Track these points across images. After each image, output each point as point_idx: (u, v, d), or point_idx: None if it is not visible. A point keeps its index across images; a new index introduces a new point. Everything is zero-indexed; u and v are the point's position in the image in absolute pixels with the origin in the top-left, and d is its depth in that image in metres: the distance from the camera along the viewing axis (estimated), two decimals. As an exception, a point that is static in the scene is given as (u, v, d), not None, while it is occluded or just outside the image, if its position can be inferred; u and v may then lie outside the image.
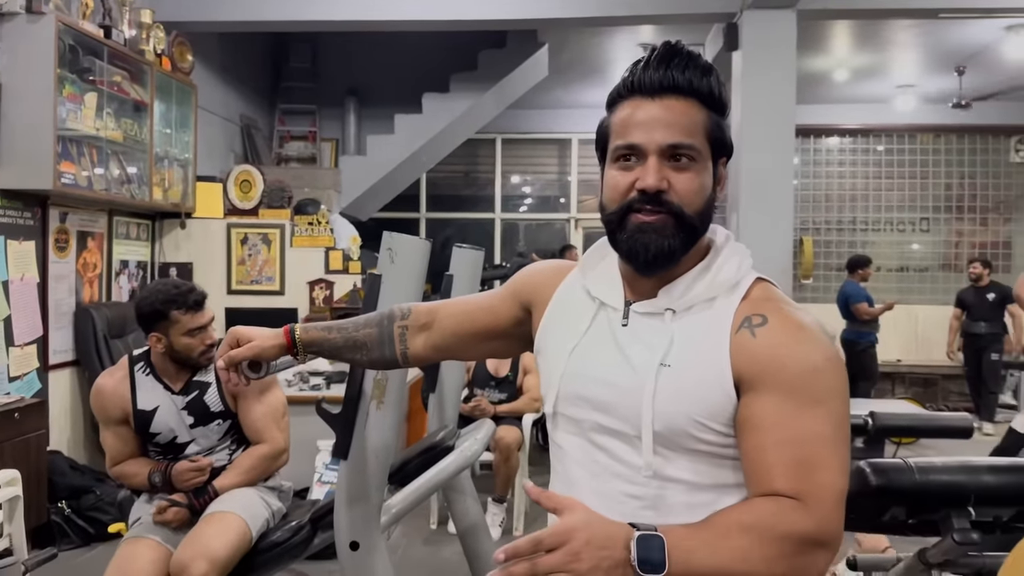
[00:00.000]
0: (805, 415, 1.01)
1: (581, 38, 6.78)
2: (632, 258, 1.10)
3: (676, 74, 1.08)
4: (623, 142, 1.09)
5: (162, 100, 5.22)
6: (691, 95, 1.09)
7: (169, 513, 2.39)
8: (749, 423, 1.03)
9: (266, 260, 5.59)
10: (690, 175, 1.08)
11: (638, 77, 1.09)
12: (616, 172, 1.10)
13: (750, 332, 1.05)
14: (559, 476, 1.18)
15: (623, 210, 1.08)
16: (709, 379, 1.05)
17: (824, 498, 0.98)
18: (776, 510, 0.98)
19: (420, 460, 2.28)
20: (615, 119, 1.12)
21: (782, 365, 1.02)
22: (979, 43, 6.68)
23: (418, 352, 1.37)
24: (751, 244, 4.50)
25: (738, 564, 0.95)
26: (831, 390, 1.03)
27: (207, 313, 2.55)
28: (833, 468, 1.00)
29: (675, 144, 1.07)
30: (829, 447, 1.01)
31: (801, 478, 0.99)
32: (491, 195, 9.38)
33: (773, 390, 1.02)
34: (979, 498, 1.93)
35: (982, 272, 7.34)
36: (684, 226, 1.07)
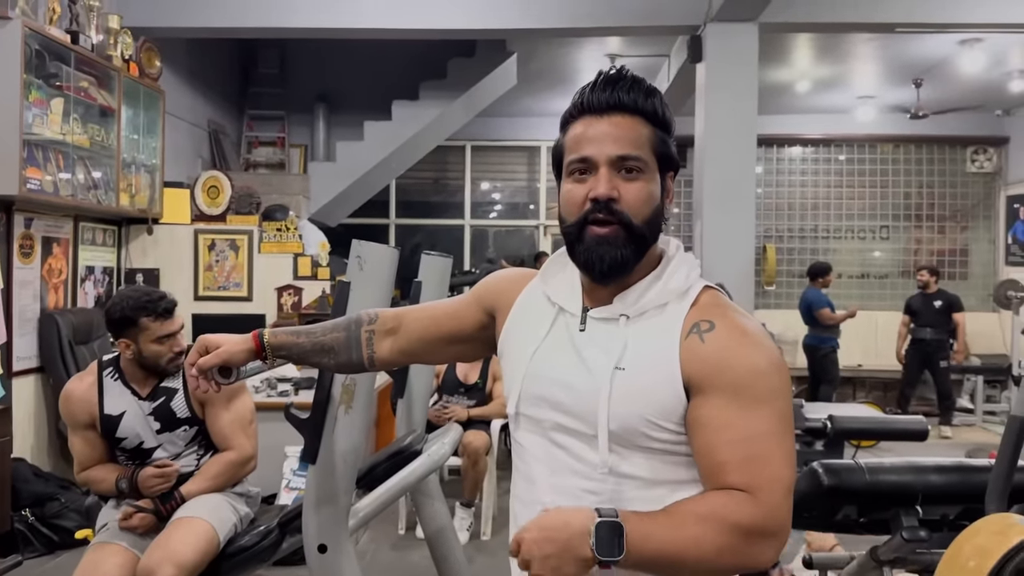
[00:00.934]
0: (751, 414, 1.09)
1: (549, 48, 6.86)
2: (589, 269, 1.17)
3: (622, 94, 1.17)
4: (576, 156, 1.17)
5: (129, 105, 5.19)
6: (637, 113, 1.17)
7: (135, 519, 2.40)
8: (699, 423, 1.11)
9: (234, 266, 5.58)
10: (638, 185, 1.16)
11: (587, 98, 1.18)
12: (571, 185, 1.18)
13: (699, 337, 1.13)
14: (520, 473, 1.25)
15: (581, 222, 1.16)
16: (661, 381, 1.12)
17: (773, 490, 1.07)
18: (728, 502, 1.06)
19: (388, 464, 2.31)
20: (568, 137, 1.20)
21: (728, 368, 1.10)
22: (935, 57, 6.87)
23: (384, 356, 1.42)
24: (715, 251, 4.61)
25: (691, 550, 1.04)
26: (774, 390, 1.11)
27: (177, 320, 2.56)
28: (779, 462, 1.08)
29: (623, 155, 1.15)
30: (774, 443, 1.09)
31: (751, 473, 1.07)
32: (461, 201, 9.43)
33: (721, 392, 1.10)
34: (927, 497, 2.02)
35: (929, 279, 7.53)
36: (634, 236, 1.15)
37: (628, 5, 5.49)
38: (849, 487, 2.01)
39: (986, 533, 1.41)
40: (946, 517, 2.09)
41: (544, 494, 1.18)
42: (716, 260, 5.05)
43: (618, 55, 6.87)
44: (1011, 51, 6.75)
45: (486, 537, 4.25)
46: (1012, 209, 8.95)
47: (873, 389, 8.46)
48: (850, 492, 2.02)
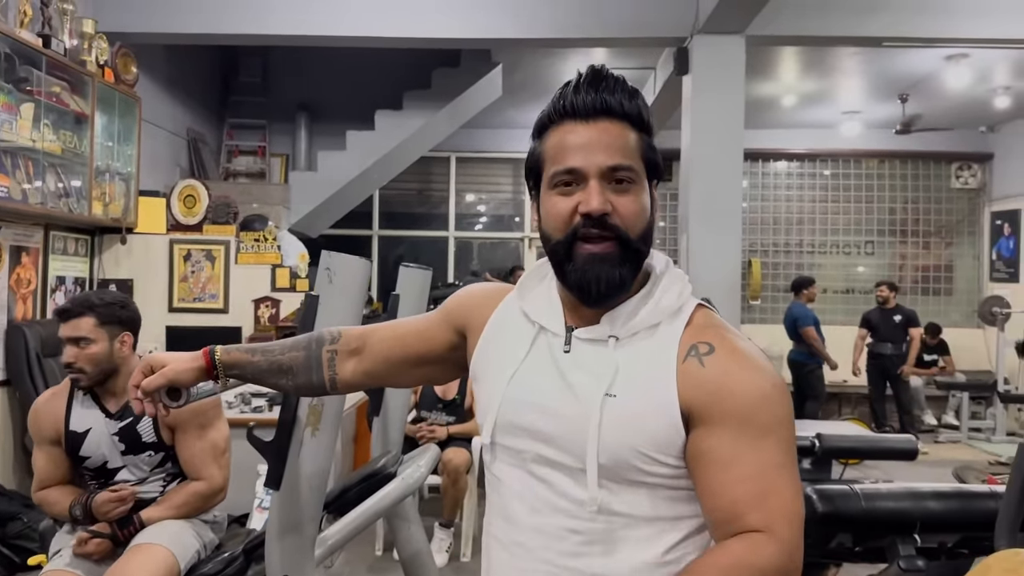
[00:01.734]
0: (760, 446, 1.00)
1: (534, 59, 6.80)
2: (583, 291, 1.06)
3: (608, 96, 1.06)
4: (561, 167, 1.06)
5: (104, 112, 5.06)
6: (623, 118, 1.07)
7: (90, 545, 2.26)
8: (706, 458, 1.01)
9: (210, 277, 5.45)
10: (631, 197, 1.06)
11: (570, 101, 1.07)
12: (556, 198, 1.07)
13: (698, 361, 1.03)
14: (496, 510, 1.13)
15: (569, 239, 1.05)
16: (656, 410, 1.02)
17: (791, 526, 0.99)
18: (751, 548, 0.98)
19: (359, 488, 2.20)
20: (548, 145, 1.09)
21: (732, 395, 1.01)
22: (921, 72, 6.86)
23: (347, 378, 1.30)
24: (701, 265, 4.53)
25: None
26: (780, 418, 1.03)
27: (74, 326, 2.33)
28: (792, 495, 1.01)
29: (616, 166, 1.05)
30: (785, 475, 1.01)
31: (767, 510, 0.99)
32: (445, 213, 9.34)
33: (726, 422, 1.01)
34: (925, 525, 1.93)
35: (889, 295, 7.61)
36: (630, 252, 1.05)
37: (615, 16, 5.43)
38: (844, 514, 1.93)
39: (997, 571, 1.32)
40: (944, 545, 2.01)
41: (525, 535, 1.07)
42: (702, 274, 4.98)
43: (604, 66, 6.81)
44: (996, 67, 6.75)
45: (466, 559, 4.13)
46: (996, 225, 8.96)
47: (858, 405, 8.41)
48: (845, 519, 1.94)
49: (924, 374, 8.18)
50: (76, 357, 2.33)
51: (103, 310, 2.36)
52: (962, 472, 5.86)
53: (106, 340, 2.36)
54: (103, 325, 2.35)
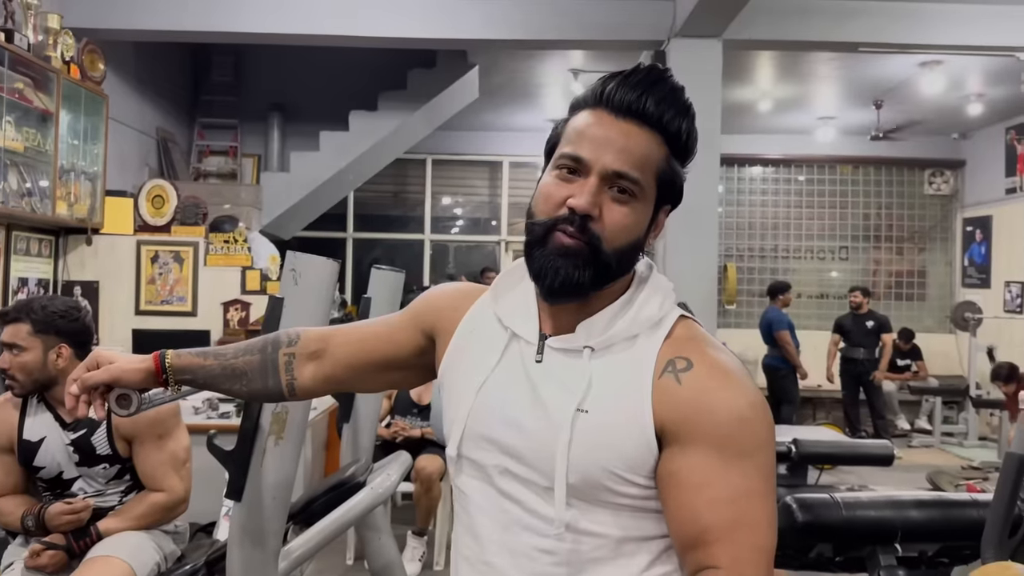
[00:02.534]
0: (735, 470, 0.94)
1: (511, 61, 6.75)
2: (540, 279, 1.01)
3: (649, 101, 0.98)
4: (571, 151, 1.00)
5: (69, 110, 4.94)
6: (656, 128, 0.99)
7: (44, 557, 2.17)
8: (676, 479, 0.95)
9: (178, 279, 5.33)
10: (625, 210, 0.99)
11: (610, 91, 1.00)
12: (553, 180, 1.01)
13: (675, 377, 0.97)
14: (464, 527, 1.07)
15: (550, 224, 0.99)
16: (629, 428, 0.96)
17: (759, 564, 0.93)
18: None
19: (326, 498, 2.12)
20: (571, 125, 1.02)
21: (709, 414, 0.95)
22: (896, 78, 6.90)
23: (307, 384, 1.22)
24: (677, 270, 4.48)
25: None
26: (759, 441, 0.96)
27: (10, 331, 2.23)
28: (765, 528, 0.94)
29: (620, 172, 0.98)
30: (759, 504, 0.94)
31: (737, 543, 0.92)
32: (421, 216, 9.26)
33: (700, 443, 0.94)
34: (906, 534, 1.90)
35: (862, 300, 7.68)
36: (598, 261, 0.98)
37: (592, 19, 5.40)
38: (824, 523, 1.89)
39: (985, 584, 1.28)
40: (924, 554, 1.98)
41: (493, 555, 1.01)
42: (679, 279, 4.89)
43: (581, 70, 6.78)
44: (969, 75, 6.80)
45: (439, 567, 4.05)
46: (968, 231, 9.05)
47: (832, 410, 8.44)
48: (825, 529, 1.90)
49: (897, 379, 8.23)
50: (9, 364, 2.23)
51: (40, 318, 2.24)
52: (936, 477, 5.89)
53: (39, 349, 2.24)
54: (38, 334, 2.24)
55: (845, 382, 7.74)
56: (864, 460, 4.61)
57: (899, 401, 8.30)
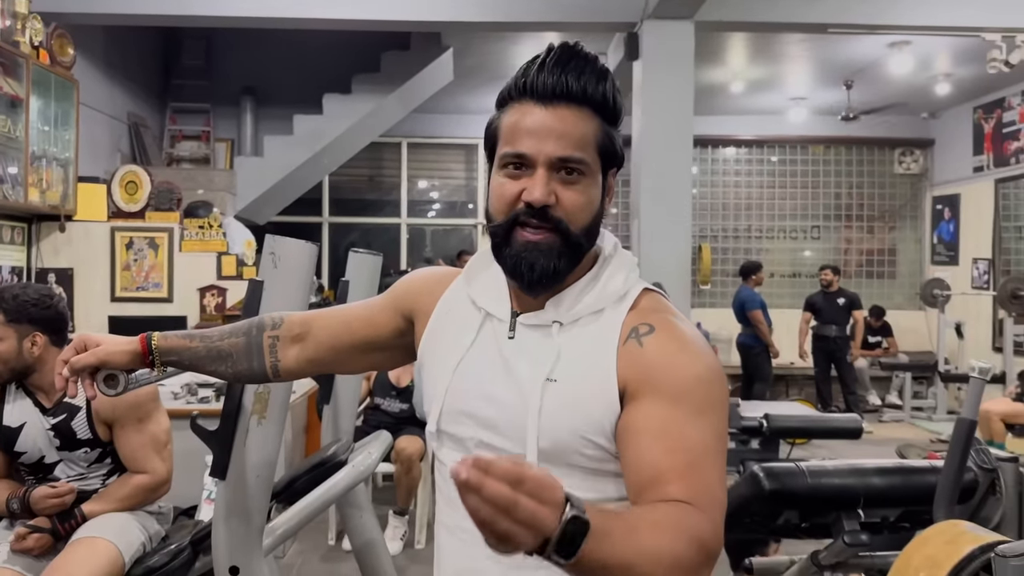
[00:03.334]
0: (691, 424, 0.98)
1: (486, 43, 6.75)
2: (517, 276, 1.05)
3: (571, 80, 1.02)
4: (511, 150, 1.04)
5: (39, 95, 4.89)
6: (584, 103, 1.03)
7: (30, 540, 2.19)
8: (634, 428, 0.99)
9: (153, 265, 5.31)
10: (578, 190, 1.04)
11: (531, 79, 1.03)
12: (503, 180, 1.05)
13: (637, 341, 1.02)
14: (445, 497, 1.12)
15: (509, 223, 1.04)
16: (595, 392, 1.01)
17: (716, 509, 0.95)
18: (684, 513, 0.92)
19: (309, 477, 2.16)
20: (504, 122, 1.06)
21: (668, 371, 1.00)
22: (866, 59, 6.98)
23: (290, 366, 1.27)
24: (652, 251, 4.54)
25: (644, 561, 0.85)
26: (714, 402, 1.01)
27: None
28: (717, 481, 0.98)
29: (565, 158, 1.02)
30: (711, 460, 0.98)
31: (695, 487, 0.94)
32: (397, 200, 9.25)
33: (659, 396, 0.99)
34: (868, 500, 1.97)
35: (832, 279, 7.81)
36: (570, 244, 1.04)
37: (565, 1, 5.42)
38: (791, 491, 1.96)
39: (936, 542, 1.35)
40: (887, 519, 2.06)
41: (470, 520, 1.06)
42: (653, 259, 5.02)
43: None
44: (937, 55, 6.90)
45: (420, 546, 4.11)
46: (937, 210, 9.20)
47: (805, 386, 8.59)
48: (792, 496, 1.97)
49: (868, 355, 8.39)
50: None
51: (12, 307, 2.24)
52: (905, 450, 6.03)
53: (13, 338, 2.25)
54: (10, 323, 2.24)
55: (817, 359, 7.88)
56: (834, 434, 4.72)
57: (870, 377, 8.46)
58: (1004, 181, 8.02)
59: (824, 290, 7.87)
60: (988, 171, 8.23)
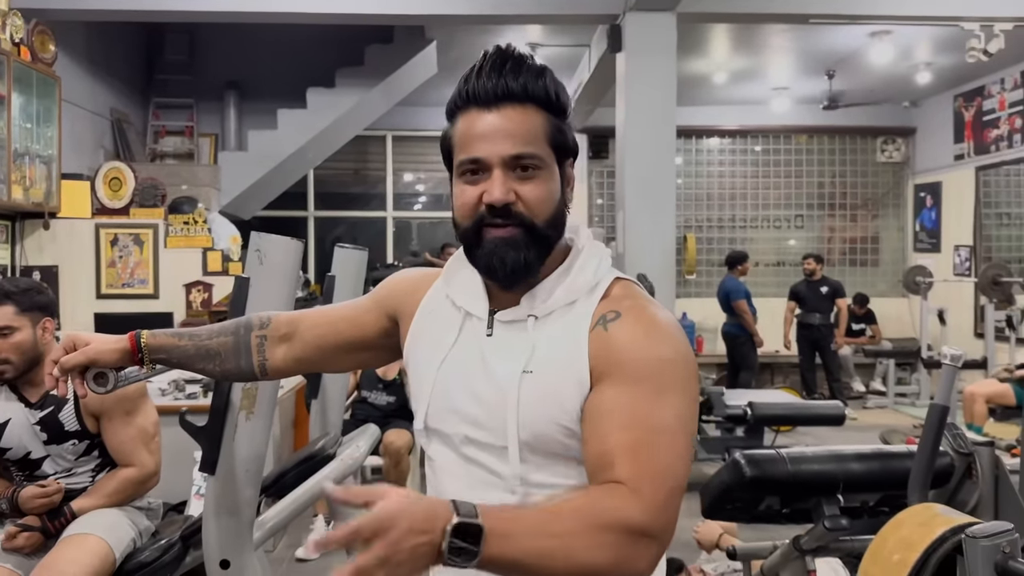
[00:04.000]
0: (649, 402, 1.00)
1: (469, 36, 6.75)
2: (491, 274, 1.09)
3: (510, 81, 1.06)
4: (466, 156, 1.07)
5: (21, 92, 4.86)
6: (528, 101, 1.07)
7: (20, 538, 2.21)
8: (594, 411, 1.02)
9: (138, 262, 5.30)
10: (536, 183, 1.07)
11: (472, 87, 1.07)
12: (464, 187, 1.09)
13: (603, 327, 1.05)
14: (434, 490, 1.16)
15: (476, 226, 1.07)
16: (569, 381, 1.04)
17: (658, 488, 0.96)
18: (607, 495, 0.95)
19: (298, 470, 2.18)
20: (456, 132, 1.10)
21: (630, 355, 1.02)
22: (847, 48, 7.03)
23: (278, 365, 1.30)
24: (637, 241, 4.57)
25: (559, 553, 0.89)
26: (677, 381, 1.03)
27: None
28: (671, 460, 0.99)
29: (518, 155, 1.06)
30: (668, 438, 0.99)
31: (638, 464, 0.96)
32: (383, 193, 9.24)
33: (620, 379, 1.02)
34: (848, 485, 2.01)
35: (815, 267, 7.88)
36: (536, 237, 1.07)
37: (548, -8, 5.43)
38: (771, 477, 1.99)
39: (910, 525, 1.39)
40: (866, 504, 2.10)
41: None
42: (639, 250, 5.05)
43: (539, 44, 6.81)
44: (918, 44, 6.96)
45: (409, 537, 4.14)
46: (919, 197, 9.28)
47: (790, 375, 8.67)
48: (772, 482, 2.01)
49: (852, 343, 8.47)
50: (0, 348, 2.25)
51: (21, 297, 2.29)
52: (888, 435, 6.11)
53: (29, 327, 2.30)
54: (24, 312, 2.29)
55: (801, 347, 7.94)
56: (817, 420, 4.79)
57: (854, 364, 8.54)
58: (985, 168, 8.10)
59: (808, 279, 7.94)
60: (969, 159, 8.31)
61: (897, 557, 1.37)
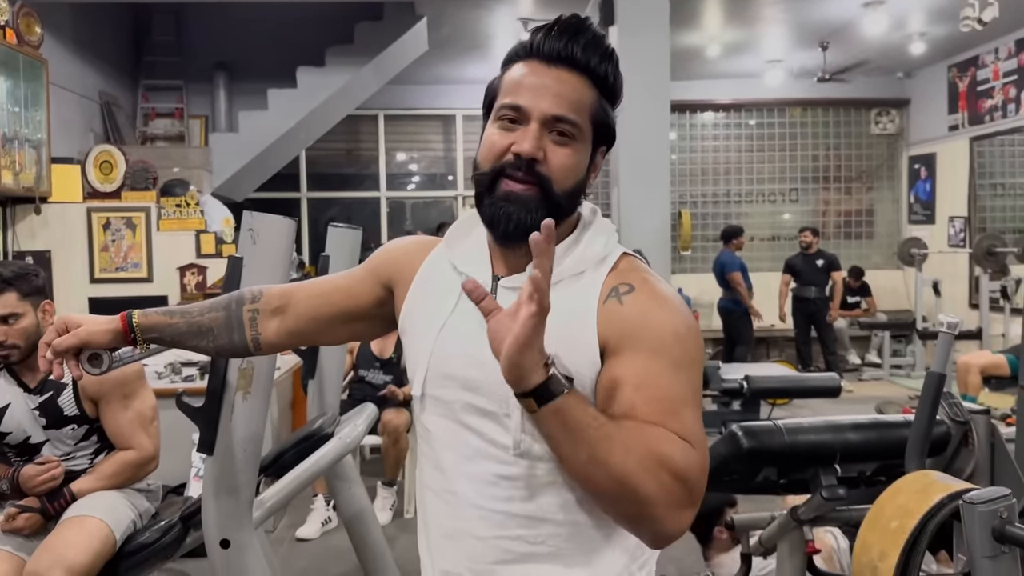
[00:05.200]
0: (670, 375, 1.01)
1: (459, 11, 6.69)
2: (493, 226, 1.08)
3: (576, 48, 1.06)
4: (509, 101, 1.06)
5: (8, 76, 4.81)
6: (585, 72, 1.07)
7: (20, 520, 2.21)
8: (616, 381, 1.01)
9: (131, 246, 5.27)
10: (567, 151, 1.06)
11: (538, 41, 1.07)
12: (496, 131, 1.08)
13: (617, 300, 1.05)
14: (429, 460, 1.14)
15: (495, 173, 1.06)
16: (577, 351, 1.04)
17: (702, 445, 0.99)
18: (671, 439, 0.97)
19: (296, 450, 2.19)
20: (507, 77, 1.09)
21: (648, 327, 1.03)
22: (840, 19, 6.98)
23: (271, 338, 1.28)
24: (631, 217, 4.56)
25: (615, 456, 0.93)
26: (692, 358, 1.04)
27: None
28: (699, 429, 1.01)
29: (559, 116, 1.05)
30: (691, 410, 1.02)
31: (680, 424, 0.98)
32: (376, 173, 9.19)
33: (640, 350, 1.02)
34: (844, 455, 2.02)
35: (812, 240, 7.87)
36: (549, 202, 1.06)
37: (538, -33, 5.37)
38: (768, 449, 2.00)
39: (907, 492, 1.39)
40: (863, 473, 2.11)
41: (457, 483, 1.09)
42: (633, 226, 5.04)
43: (530, 19, 6.74)
44: (911, 14, 6.91)
45: (409, 515, 4.16)
46: (914, 169, 9.27)
47: (785, 348, 8.70)
48: (770, 454, 2.01)
49: (848, 315, 8.49)
50: (6, 335, 2.25)
51: (21, 283, 2.28)
52: (884, 407, 6.14)
53: (32, 312, 2.30)
54: (26, 297, 2.29)
55: (797, 320, 7.97)
56: (812, 392, 4.79)
57: (850, 337, 8.57)
58: (979, 139, 8.09)
59: (803, 252, 7.94)
60: (963, 129, 8.29)
61: (895, 524, 1.37)
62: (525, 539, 1.06)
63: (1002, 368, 5.16)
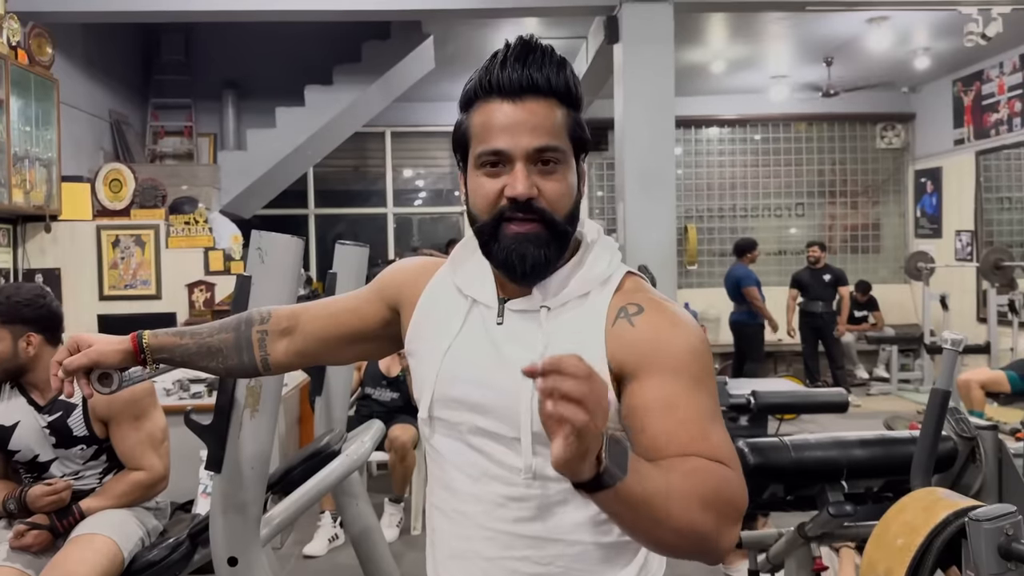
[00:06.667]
0: (694, 395, 1.02)
1: (466, 30, 6.74)
2: (509, 270, 1.07)
3: (535, 73, 1.05)
4: (487, 148, 1.06)
5: (19, 96, 4.87)
6: (550, 94, 1.06)
7: (28, 537, 2.22)
8: (643, 407, 1.02)
9: (140, 263, 5.31)
10: (557, 178, 1.06)
11: (496, 77, 1.05)
12: (483, 179, 1.07)
13: (628, 321, 1.06)
14: (438, 481, 1.15)
15: (495, 220, 1.06)
16: None
17: (738, 463, 1.00)
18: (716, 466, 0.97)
19: (304, 467, 2.19)
20: (474, 121, 1.08)
21: (665, 349, 1.04)
22: (845, 35, 7.01)
23: (280, 359, 1.30)
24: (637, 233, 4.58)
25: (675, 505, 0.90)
26: (709, 372, 1.06)
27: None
28: (728, 440, 1.02)
29: (542, 148, 1.05)
30: (718, 425, 1.02)
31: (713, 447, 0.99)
32: (382, 189, 9.24)
33: (660, 372, 1.02)
34: (851, 471, 2.02)
35: (820, 255, 7.85)
36: (556, 233, 1.06)
37: (544, -15, 5.42)
38: (775, 465, 2.00)
39: (913, 509, 1.39)
40: (870, 490, 2.10)
41: (465, 504, 1.09)
42: (639, 241, 5.06)
43: (536, 37, 6.79)
44: (915, 29, 6.94)
45: (416, 532, 4.16)
46: (920, 183, 9.26)
47: (793, 363, 8.67)
48: (776, 470, 2.01)
49: (855, 330, 8.46)
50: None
51: (5, 308, 2.27)
52: (892, 422, 6.10)
53: (8, 339, 2.27)
54: (5, 324, 2.27)
55: (804, 335, 7.94)
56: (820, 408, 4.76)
57: (857, 351, 8.54)
58: (985, 153, 8.09)
59: (810, 267, 7.93)
60: (969, 143, 8.29)
61: (901, 541, 1.37)
62: (533, 559, 1.07)
63: (1001, 384, 5.12)
